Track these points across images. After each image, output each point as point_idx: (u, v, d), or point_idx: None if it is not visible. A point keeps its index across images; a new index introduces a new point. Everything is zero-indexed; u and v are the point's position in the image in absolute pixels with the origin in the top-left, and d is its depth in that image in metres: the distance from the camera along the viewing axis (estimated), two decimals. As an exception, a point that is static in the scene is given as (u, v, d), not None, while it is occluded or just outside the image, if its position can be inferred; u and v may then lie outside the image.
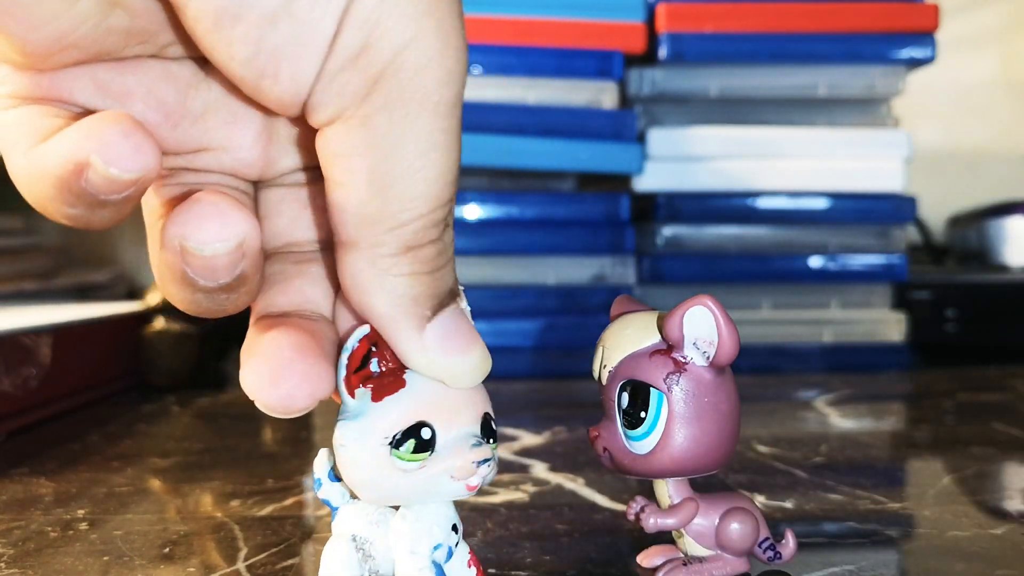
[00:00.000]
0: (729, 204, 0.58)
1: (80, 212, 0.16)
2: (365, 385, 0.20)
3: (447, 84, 0.17)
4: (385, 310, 0.19)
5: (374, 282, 0.18)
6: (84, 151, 0.15)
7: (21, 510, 0.30)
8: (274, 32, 0.16)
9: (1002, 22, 0.88)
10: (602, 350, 0.22)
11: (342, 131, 0.17)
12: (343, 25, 0.16)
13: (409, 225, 0.18)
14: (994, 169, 0.87)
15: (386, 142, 0.17)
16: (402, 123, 0.17)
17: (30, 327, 0.43)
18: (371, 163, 0.17)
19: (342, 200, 0.18)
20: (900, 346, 0.59)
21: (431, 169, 0.17)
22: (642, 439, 0.21)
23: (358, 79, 0.16)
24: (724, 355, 0.21)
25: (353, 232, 0.18)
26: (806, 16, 0.57)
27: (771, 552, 0.23)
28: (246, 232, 0.17)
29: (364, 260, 0.18)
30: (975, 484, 0.31)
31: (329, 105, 0.17)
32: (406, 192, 0.17)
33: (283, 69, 0.16)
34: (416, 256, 0.18)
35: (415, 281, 0.19)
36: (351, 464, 0.20)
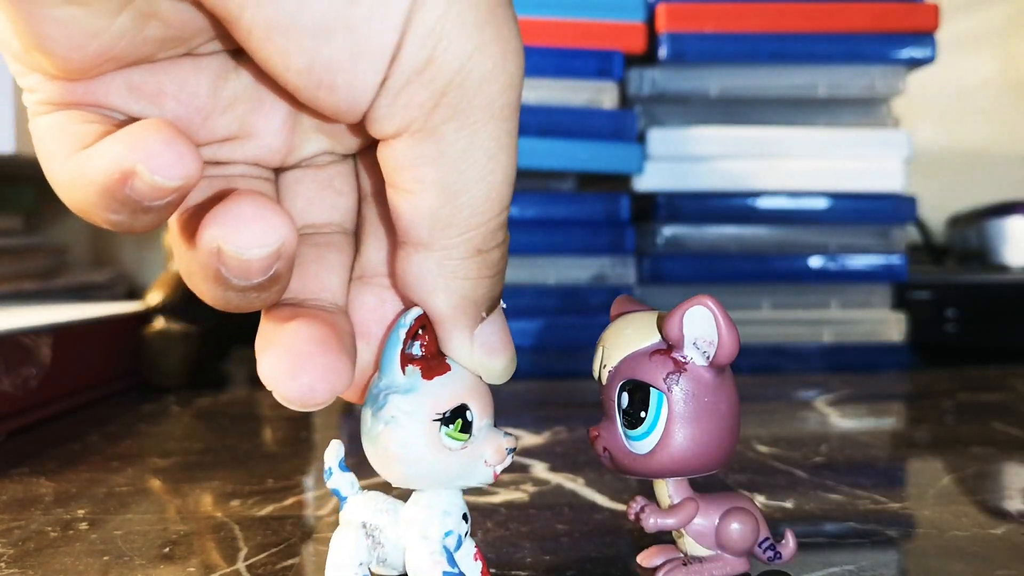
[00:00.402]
0: (729, 204, 0.58)
1: (123, 218, 0.16)
2: (415, 363, 0.20)
3: (509, 89, 0.17)
4: (446, 310, 0.20)
5: (440, 283, 0.19)
6: (130, 161, 0.15)
7: (21, 510, 0.30)
8: (329, 44, 0.16)
9: (1002, 22, 0.88)
10: (602, 350, 0.22)
11: (410, 143, 0.17)
12: (405, 38, 0.16)
13: (480, 229, 0.18)
14: (994, 169, 0.87)
15: (455, 151, 0.17)
16: (470, 132, 0.17)
17: (30, 327, 0.43)
18: (442, 172, 0.17)
19: (412, 206, 0.18)
20: (900, 346, 0.59)
21: (499, 173, 0.18)
22: (642, 439, 0.21)
23: (424, 92, 0.16)
24: (724, 355, 0.21)
25: (426, 235, 0.18)
26: (806, 16, 0.57)
27: (771, 552, 0.23)
28: (286, 236, 0.17)
29: (433, 261, 0.19)
30: (975, 484, 0.31)
31: (395, 118, 0.17)
32: (477, 197, 0.18)
33: (339, 80, 0.16)
34: (484, 260, 0.19)
35: (479, 284, 0.19)
36: (399, 438, 0.20)
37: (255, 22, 0.16)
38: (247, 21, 0.16)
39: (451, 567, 0.21)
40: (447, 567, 0.21)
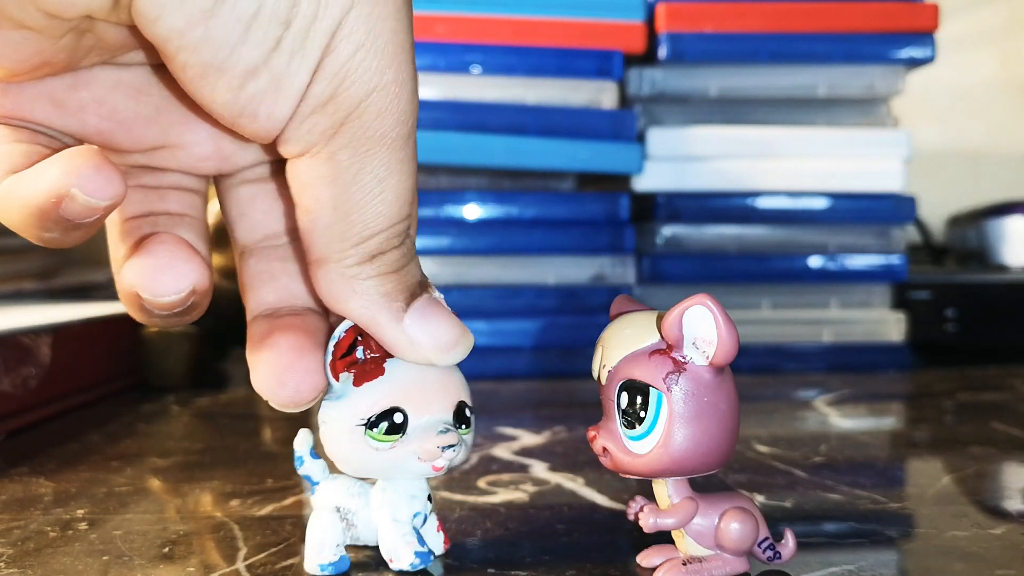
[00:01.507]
0: (729, 204, 0.58)
1: (55, 235, 0.19)
2: (349, 370, 0.22)
3: (402, 123, 0.19)
4: (362, 311, 0.21)
5: (346, 289, 0.21)
6: (64, 186, 0.17)
7: (21, 510, 0.30)
8: (254, 82, 0.18)
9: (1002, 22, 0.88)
10: (601, 350, 0.22)
11: (310, 164, 0.19)
12: (315, 77, 0.18)
13: (372, 239, 0.20)
14: (994, 169, 0.87)
15: (348, 174, 0.19)
16: (363, 158, 0.19)
17: (30, 327, 0.43)
18: (335, 192, 0.19)
19: (311, 223, 0.20)
20: (900, 346, 0.59)
21: (388, 193, 0.20)
22: (641, 439, 0.21)
23: (326, 122, 0.19)
24: (723, 354, 0.21)
25: (323, 249, 0.20)
26: (806, 16, 0.57)
27: (770, 552, 0.23)
28: (196, 280, 0.19)
29: (334, 272, 0.21)
30: (975, 484, 0.31)
31: (299, 142, 0.19)
32: (367, 214, 0.20)
33: (261, 111, 0.18)
34: (382, 260, 0.21)
35: (383, 280, 0.21)
36: (331, 440, 0.23)
37: (189, 62, 0.18)
38: (182, 60, 0.18)
39: (421, 546, 0.23)
40: (418, 546, 0.23)
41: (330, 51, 0.18)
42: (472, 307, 0.56)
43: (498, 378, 0.55)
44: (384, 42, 0.18)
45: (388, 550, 0.23)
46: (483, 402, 0.49)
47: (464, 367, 0.24)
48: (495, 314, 0.56)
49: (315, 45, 0.18)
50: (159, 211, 0.22)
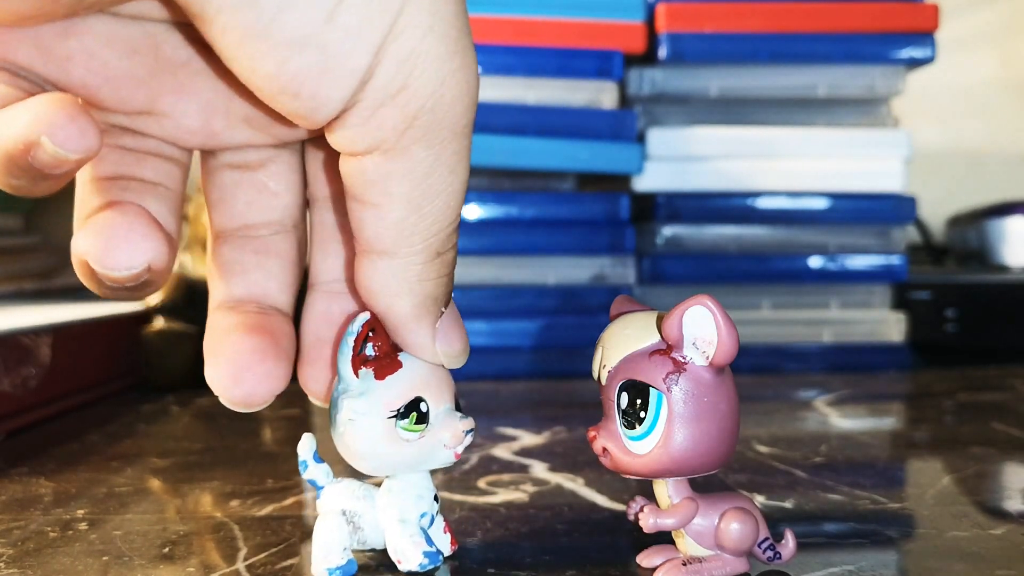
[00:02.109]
0: (729, 204, 0.58)
1: (23, 183, 0.17)
2: (367, 366, 0.22)
3: (470, 110, 0.19)
4: (411, 311, 0.21)
5: (404, 287, 0.20)
6: (35, 133, 0.16)
7: (21, 510, 0.30)
8: (300, 57, 0.16)
9: (1002, 22, 0.88)
10: (601, 350, 0.22)
11: (380, 160, 0.18)
12: (379, 62, 0.17)
13: (439, 235, 0.20)
14: (994, 169, 0.87)
15: (423, 168, 0.18)
16: (437, 151, 0.18)
17: (30, 327, 0.43)
18: (409, 187, 0.19)
19: (378, 218, 0.19)
20: (900, 346, 0.59)
21: (457, 184, 0.19)
22: (641, 439, 0.21)
23: (398, 115, 0.17)
24: (723, 355, 0.21)
25: (391, 244, 0.20)
26: (806, 16, 0.57)
27: (770, 552, 0.23)
28: (152, 258, 0.18)
29: (397, 268, 0.20)
30: (975, 484, 0.31)
31: (368, 137, 0.18)
32: (439, 207, 0.19)
33: (304, 91, 0.17)
34: (442, 261, 0.20)
35: (438, 284, 0.21)
36: (359, 436, 0.22)
37: (229, 25, 0.16)
38: (221, 24, 0.16)
39: (429, 546, 0.23)
40: (426, 547, 0.23)
41: (395, 35, 0.17)
42: (472, 307, 0.56)
43: (498, 378, 0.55)
44: (448, 25, 0.17)
45: (396, 551, 0.23)
46: (483, 402, 0.49)
47: (464, 367, 0.24)
48: (495, 314, 0.56)
49: (376, 25, 0.16)
50: (133, 176, 0.21)
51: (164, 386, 0.53)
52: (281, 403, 0.50)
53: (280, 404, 0.49)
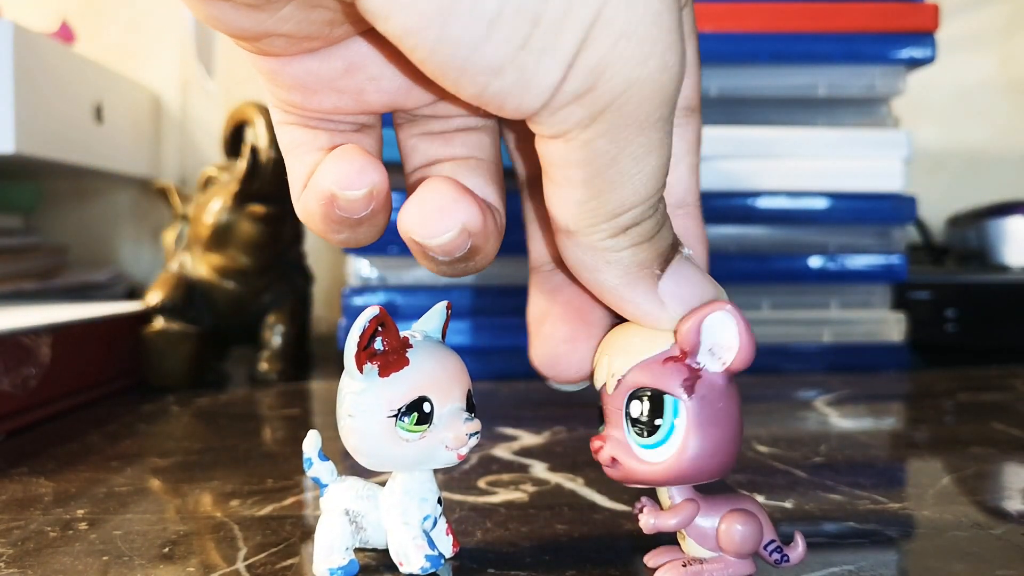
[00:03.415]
0: (729, 204, 0.58)
1: (347, 235, 0.21)
2: (372, 362, 0.22)
3: (665, 104, 0.18)
4: (616, 282, 0.20)
5: (599, 261, 0.20)
6: (326, 187, 0.19)
7: (21, 510, 0.30)
8: (499, 80, 0.17)
9: (1002, 22, 0.88)
10: (607, 359, 0.22)
11: (564, 147, 0.18)
12: (570, 72, 0.17)
13: (624, 215, 0.19)
14: (994, 169, 0.87)
15: (605, 159, 0.18)
16: (621, 144, 0.18)
17: (30, 327, 0.43)
18: (590, 174, 0.19)
19: (562, 197, 0.19)
20: (900, 346, 0.59)
21: (646, 172, 0.19)
22: (656, 447, 0.21)
23: (582, 112, 0.17)
24: (742, 361, 0.21)
25: (572, 223, 0.20)
26: (806, 16, 0.57)
27: (777, 555, 0.22)
28: (466, 220, 0.20)
29: (585, 245, 0.20)
30: (975, 484, 0.31)
31: (553, 127, 0.18)
32: (622, 193, 0.19)
33: (507, 104, 0.18)
34: (634, 232, 0.20)
35: (637, 250, 0.20)
36: (358, 434, 0.22)
37: (427, 60, 0.17)
38: (418, 59, 0.17)
39: (431, 549, 0.23)
40: (428, 550, 0.23)
41: (587, 45, 0.17)
42: (472, 307, 0.56)
43: (498, 378, 0.55)
44: (647, 27, 0.17)
45: (398, 553, 0.23)
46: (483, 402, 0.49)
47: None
48: (495, 314, 0.56)
49: (569, 41, 0.16)
50: (444, 157, 0.22)
51: (164, 386, 0.53)
52: (281, 403, 0.50)
53: (280, 404, 0.49)
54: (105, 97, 0.71)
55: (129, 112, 0.77)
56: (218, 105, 0.83)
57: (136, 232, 0.85)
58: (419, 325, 0.24)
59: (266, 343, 0.58)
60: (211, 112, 0.84)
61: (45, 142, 0.61)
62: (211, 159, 0.81)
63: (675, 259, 0.21)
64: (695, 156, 0.24)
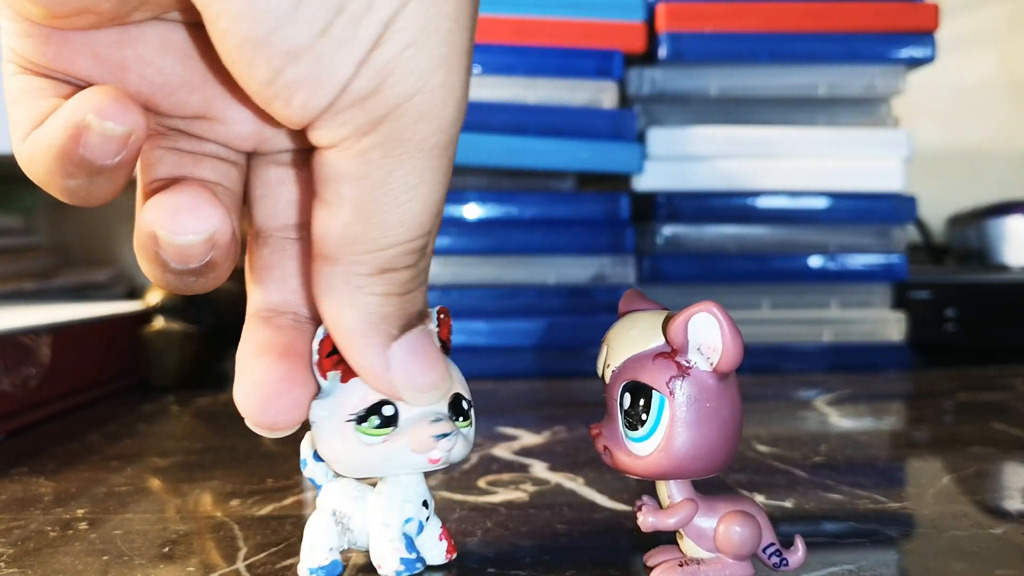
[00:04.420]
0: (729, 204, 0.58)
1: (80, 182, 0.18)
2: (336, 367, 0.22)
3: (443, 131, 0.18)
4: (354, 325, 0.20)
5: (347, 297, 0.19)
6: (81, 113, 0.17)
7: (21, 510, 0.30)
8: (295, 66, 0.17)
9: (1002, 22, 0.88)
10: (607, 348, 0.22)
11: (339, 157, 0.18)
12: (361, 70, 0.17)
13: (388, 250, 0.19)
14: (994, 169, 0.87)
15: (377, 175, 0.18)
16: (395, 161, 0.18)
17: (30, 327, 0.43)
18: (360, 191, 0.18)
19: (327, 219, 0.19)
20: (900, 346, 0.59)
21: (416, 203, 0.18)
22: (642, 441, 0.21)
23: (362, 118, 0.17)
24: (728, 362, 0.21)
25: (334, 249, 0.19)
26: (806, 16, 0.57)
27: (776, 559, 0.22)
28: (216, 227, 0.19)
29: (340, 276, 0.19)
30: (975, 484, 0.31)
31: (331, 133, 0.18)
32: (389, 221, 0.18)
33: (296, 98, 0.17)
34: (390, 279, 0.19)
35: (386, 301, 0.20)
36: (322, 439, 0.22)
37: (229, 31, 0.16)
38: (222, 27, 0.16)
39: (409, 552, 0.23)
40: (404, 553, 0.23)
41: (380, 43, 0.17)
42: (472, 307, 0.56)
43: (498, 378, 0.55)
44: (438, 42, 0.17)
45: (375, 555, 0.23)
46: (483, 402, 0.49)
47: (464, 367, 0.24)
48: (495, 314, 0.56)
49: (366, 36, 0.17)
50: (193, 176, 0.21)
51: (164, 386, 0.53)
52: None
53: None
54: (105, 97, 0.71)
55: (129, 112, 0.76)
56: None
57: (136, 232, 0.84)
58: None
59: (266, 343, 0.58)
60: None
61: (45, 142, 0.61)
62: (211, 159, 0.81)
63: (417, 328, 0.21)
64: None
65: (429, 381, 0.21)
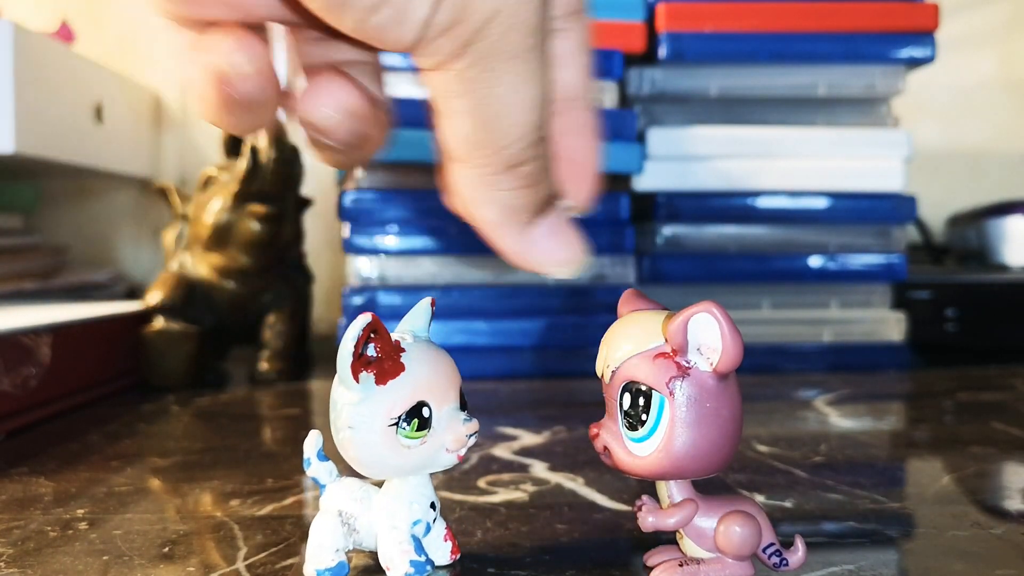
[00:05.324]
0: (729, 204, 0.58)
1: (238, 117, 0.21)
2: (368, 370, 0.22)
3: (529, 35, 0.20)
4: (493, 218, 0.22)
5: (483, 195, 0.21)
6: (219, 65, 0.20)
7: (21, 510, 0.30)
8: (376, 16, 0.19)
9: (1002, 22, 0.88)
10: (606, 348, 0.22)
11: (442, 78, 0.20)
12: (439, 7, 0.19)
13: (509, 148, 0.21)
14: (994, 169, 0.87)
15: (480, 89, 0.20)
16: (492, 74, 0.20)
17: (30, 327, 0.43)
18: (470, 105, 0.20)
19: (450, 128, 0.21)
20: (900, 346, 0.59)
21: (523, 104, 0.20)
22: (642, 441, 0.21)
23: (450, 44, 0.19)
24: (727, 362, 0.21)
25: (463, 154, 0.21)
26: (806, 16, 0.57)
27: (776, 559, 0.22)
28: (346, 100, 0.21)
29: (473, 176, 0.21)
30: (975, 484, 0.31)
31: (429, 59, 0.20)
32: (503, 124, 0.20)
33: (387, 37, 0.19)
34: (517, 173, 0.21)
35: (515, 195, 0.22)
36: (359, 444, 0.22)
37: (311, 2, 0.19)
38: None
39: (418, 555, 0.23)
40: (414, 555, 0.23)
41: None
42: (472, 307, 0.56)
43: (498, 378, 0.55)
44: None
45: (384, 558, 0.23)
46: (483, 402, 0.49)
47: (464, 367, 0.24)
48: (495, 314, 0.56)
49: None
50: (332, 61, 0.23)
51: (164, 386, 0.53)
52: (281, 403, 0.50)
53: (280, 404, 0.49)
54: (105, 97, 0.71)
55: (129, 112, 0.77)
56: (218, 105, 0.83)
57: (136, 232, 0.85)
58: (406, 324, 0.24)
59: (266, 343, 0.58)
60: (211, 112, 0.83)
61: (45, 142, 0.61)
62: (211, 159, 0.81)
63: (551, 210, 0.23)
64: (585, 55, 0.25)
65: (568, 256, 0.23)
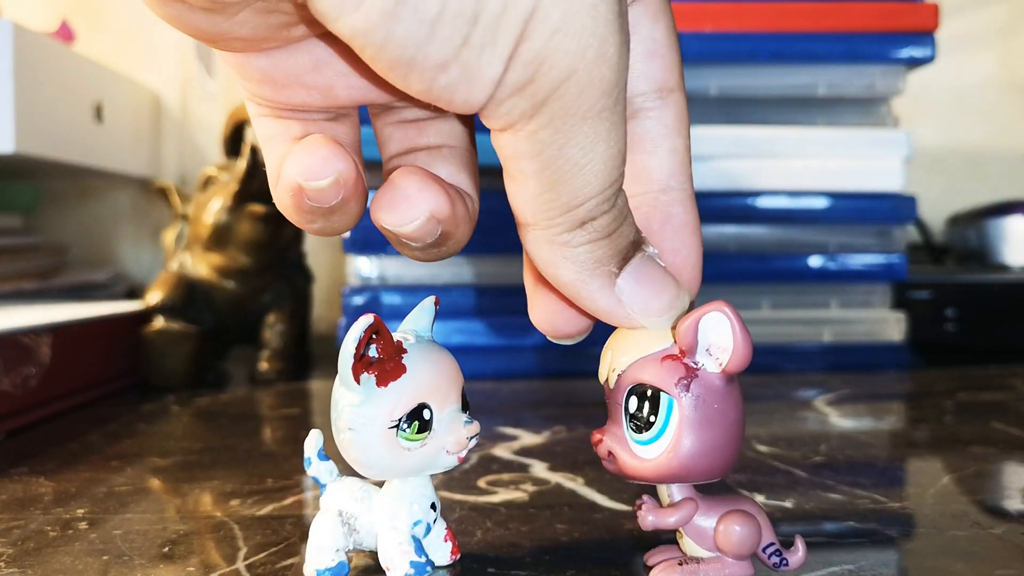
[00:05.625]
0: (729, 204, 0.58)
1: (320, 224, 0.21)
2: (369, 371, 0.22)
3: (607, 94, 0.19)
4: (572, 278, 0.21)
5: (556, 256, 0.21)
6: (293, 179, 0.20)
7: (21, 509, 0.30)
8: (444, 75, 0.18)
9: (1002, 22, 0.88)
10: (611, 353, 0.22)
11: (512, 139, 0.19)
12: (510, 65, 0.18)
13: (581, 207, 0.20)
14: (994, 169, 0.87)
15: (551, 151, 0.19)
16: (565, 135, 0.19)
17: (30, 327, 0.43)
18: (539, 166, 0.19)
19: (518, 191, 0.20)
20: (900, 346, 0.59)
21: (596, 163, 0.19)
22: (650, 444, 0.21)
23: (524, 103, 0.18)
24: (738, 362, 0.21)
25: (531, 217, 0.20)
26: (806, 16, 0.57)
27: (776, 559, 0.22)
28: (433, 208, 0.20)
29: (543, 238, 0.20)
30: (975, 484, 0.31)
31: (500, 119, 0.19)
32: (574, 184, 0.19)
33: (455, 98, 0.18)
34: (591, 227, 0.20)
35: (594, 247, 0.20)
36: (359, 446, 0.22)
37: (376, 59, 0.18)
38: (369, 56, 0.18)
39: (419, 556, 0.23)
40: (415, 556, 0.23)
41: (524, 39, 0.17)
42: (472, 307, 0.56)
43: (498, 378, 0.55)
44: (583, 20, 0.18)
45: (385, 559, 0.23)
46: (483, 402, 0.49)
47: (464, 367, 0.24)
48: (495, 314, 0.56)
49: (506, 37, 0.17)
50: (418, 146, 0.23)
51: (164, 386, 0.53)
52: (281, 403, 0.50)
53: (280, 404, 0.49)
54: (105, 97, 0.71)
55: (129, 112, 0.77)
56: (218, 105, 0.83)
57: (136, 232, 0.85)
58: (408, 323, 0.24)
59: (266, 343, 0.58)
60: (211, 112, 0.83)
61: (45, 142, 0.61)
62: (211, 159, 0.81)
63: (636, 257, 0.21)
64: (679, 138, 0.24)
65: (662, 304, 0.22)
